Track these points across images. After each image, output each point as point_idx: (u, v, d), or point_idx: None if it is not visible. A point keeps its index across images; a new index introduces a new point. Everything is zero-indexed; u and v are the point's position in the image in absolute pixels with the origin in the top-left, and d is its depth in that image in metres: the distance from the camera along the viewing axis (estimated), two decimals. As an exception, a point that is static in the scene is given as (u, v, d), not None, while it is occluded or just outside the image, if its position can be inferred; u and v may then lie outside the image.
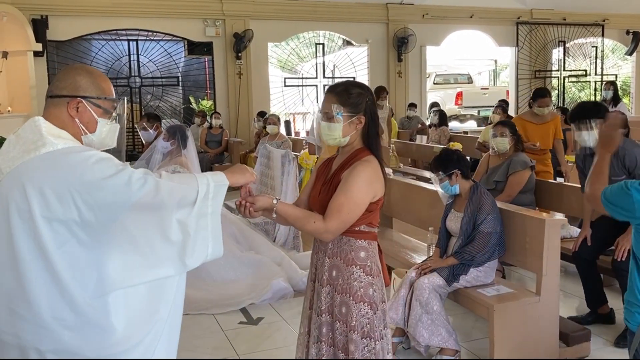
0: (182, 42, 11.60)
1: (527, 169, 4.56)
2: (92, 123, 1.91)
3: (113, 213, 1.72)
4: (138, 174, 1.75)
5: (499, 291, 3.46)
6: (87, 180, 1.70)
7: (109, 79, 2.02)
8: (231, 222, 5.36)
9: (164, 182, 1.78)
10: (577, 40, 14.07)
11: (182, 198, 1.80)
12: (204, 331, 4.06)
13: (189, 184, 1.83)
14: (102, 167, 1.73)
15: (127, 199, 1.72)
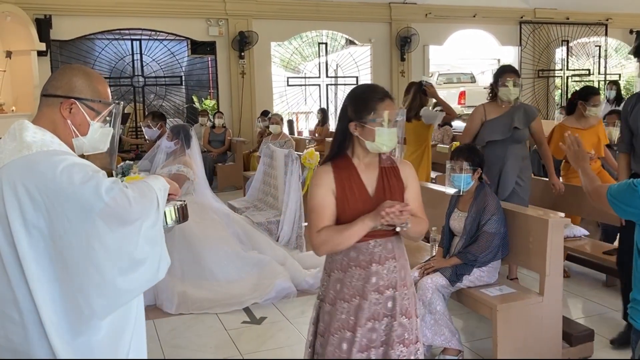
0: (185, 41, 11.61)
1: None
2: (84, 125, 1.87)
3: (80, 221, 1.66)
4: (107, 183, 1.68)
5: (502, 291, 3.45)
6: (55, 187, 1.66)
7: (106, 82, 1.98)
8: (235, 221, 5.37)
9: (132, 193, 1.71)
10: (580, 39, 14.05)
11: (147, 208, 1.75)
12: (207, 330, 4.07)
13: (149, 192, 1.78)
14: (70, 173, 1.67)
15: (93, 206, 1.65)
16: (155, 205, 1.77)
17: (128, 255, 1.71)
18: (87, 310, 1.70)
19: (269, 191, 6.75)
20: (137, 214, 1.71)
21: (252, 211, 6.49)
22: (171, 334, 4.03)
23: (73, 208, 1.66)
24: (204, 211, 5.04)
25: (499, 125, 4.34)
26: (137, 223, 1.71)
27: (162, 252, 1.80)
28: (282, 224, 5.98)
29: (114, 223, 1.68)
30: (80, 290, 1.69)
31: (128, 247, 1.70)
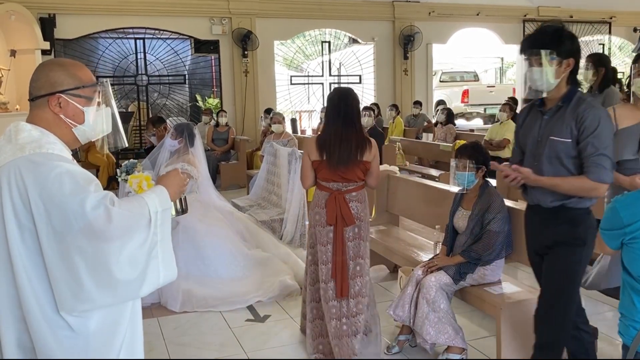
0: (188, 40, 11.63)
1: None
2: (78, 115, 1.86)
3: (62, 233, 1.67)
4: (94, 198, 1.68)
5: (505, 289, 3.46)
6: (45, 193, 1.67)
7: (83, 65, 1.95)
8: (238, 219, 5.39)
9: (117, 211, 1.70)
10: (584, 37, 14.01)
11: (134, 229, 1.74)
12: (211, 328, 4.08)
13: (140, 210, 1.77)
14: (61, 182, 1.68)
15: (77, 220, 1.66)
16: (143, 225, 1.76)
17: (107, 272, 1.70)
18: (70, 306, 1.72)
19: (272, 189, 6.77)
20: (120, 234, 1.70)
21: (256, 209, 6.50)
22: (175, 331, 4.05)
23: (58, 217, 1.67)
24: (208, 209, 5.06)
25: (630, 137, 2.94)
26: (117, 242, 1.70)
27: (147, 275, 1.77)
28: (285, 222, 6.00)
29: (94, 240, 1.68)
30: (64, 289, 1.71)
31: (107, 264, 1.69)
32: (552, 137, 2.61)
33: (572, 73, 2.63)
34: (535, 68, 2.59)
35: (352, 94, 3.55)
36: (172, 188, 1.91)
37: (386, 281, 4.91)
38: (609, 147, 2.54)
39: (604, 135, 2.54)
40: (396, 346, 3.63)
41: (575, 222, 2.65)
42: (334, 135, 3.40)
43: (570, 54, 2.59)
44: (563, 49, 2.57)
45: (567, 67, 2.59)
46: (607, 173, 2.56)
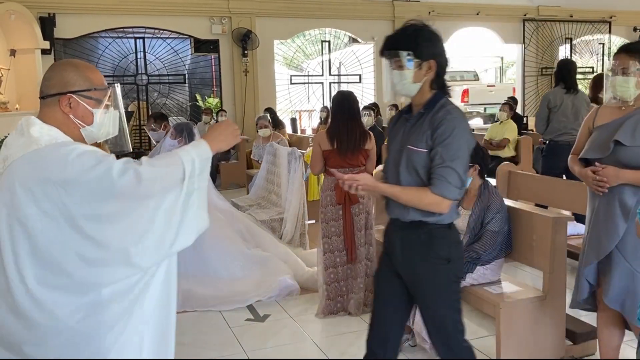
0: (188, 39, 11.63)
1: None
2: (87, 116, 1.90)
3: (97, 206, 1.70)
4: (119, 164, 1.72)
5: (505, 289, 3.46)
6: (68, 176, 1.69)
7: (96, 68, 2.00)
8: (238, 219, 5.39)
9: (146, 169, 1.73)
10: (584, 37, 14.02)
11: (167, 182, 1.77)
12: (210, 328, 4.08)
13: (174, 164, 1.79)
14: (82, 160, 1.71)
15: (108, 189, 1.69)
16: (177, 179, 1.78)
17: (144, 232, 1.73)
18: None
19: (272, 189, 6.77)
20: (153, 191, 1.73)
21: (256, 209, 6.50)
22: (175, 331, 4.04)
23: (88, 193, 1.69)
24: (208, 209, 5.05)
25: (599, 136, 2.87)
26: (152, 200, 1.73)
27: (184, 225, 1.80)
28: (285, 222, 6.00)
29: (129, 202, 1.71)
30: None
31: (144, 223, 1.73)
32: (409, 146, 2.38)
33: (438, 77, 2.41)
34: (394, 71, 2.42)
35: (353, 95, 4.38)
36: (215, 140, 1.92)
37: (386, 281, 4.90)
38: (458, 160, 2.30)
39: (455, 147, 2.30)
40: (396, 346, 3.62)
41: (435, 239, 2.40)
42: (342, 127, 4.15)
43: (432, 55, 2.37)
44: (423, 50, 2.36)
45: (428, 70, 2.37)
46: (450, 188, 2.29)
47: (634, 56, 2.75)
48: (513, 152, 8.14)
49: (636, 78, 2.74)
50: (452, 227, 2.46)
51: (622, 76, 2.75)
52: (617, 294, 2.77)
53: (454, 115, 2.33)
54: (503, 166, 5.63)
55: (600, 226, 2.82)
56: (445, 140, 2.30)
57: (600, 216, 2.83)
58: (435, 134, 2.31)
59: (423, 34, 2.40)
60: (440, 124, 2.31)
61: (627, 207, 2.72)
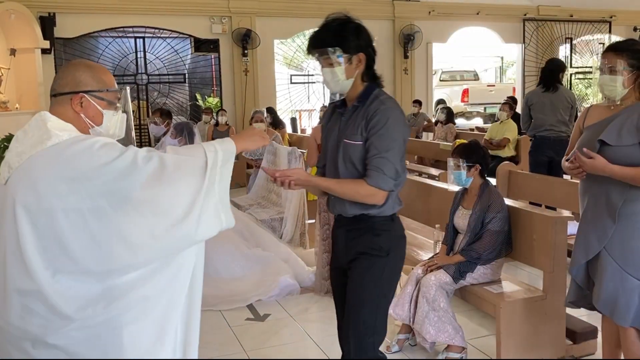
0: (188, 39, 11.63)
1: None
2: (97, 116, 1.93)
3: (124, 195, 1.72)
4: (143, 152, 1.76)
5: (505, 288, 3.46)
6: (94, 167, 1.72)
7: (108, 70, 2.04)
8: (238, 219, 5.35)
9: (170, 156, 1.77)
10: (584, 37, 14.02)
11: (191, 170, 1.79)
12: (211, 327, 4.08)
13: (196, 154, 1.82)
14: (106, 151, 1.74)
15: (135, 177, 1.72)
16: (199, 167, 1.80)
17: (173, 212, 1.75)
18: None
19: (272, 188, 6.77)
20: (176, 177, 1.76)
21: (256, 208, 6.50)
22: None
23: (115, 181, 1.71)
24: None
25: (587, 137, 2.82)
26: (176, 185, 1.75)
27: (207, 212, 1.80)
28: (285, 221, 6.00)
29: (154, 187, 1.73)
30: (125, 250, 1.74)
31: (171, 205, 1.75)
32: (345, 140, 2.35)
33: (368, 68, 2.40)
34: (325, 69, 2.36)
35: None
36: (242, 140, 1.95)
37: (386, 280, 4.90)
38: (392, 150, 2.26)
39: (389, 137, 2.26)
40: (396, 345, 3.63)
41: (377, 231, 2.37)
42: None
43: (360, 48, 2.34)
44: (350, 45, 2.32)
45: (358, 63, 2.35)
46: (385, 179, 2.26)
47: (621, 55, 2.71)
48: (513, 151, 8.15)
49: (623, 77, 2.70)
50: (396, 220, 2.42)
51: (609, 75, 2.72)
52: (606, 297, 2.73)
53: (387, 106, 2.31)
54: (503, 166, 5.64)
55: (588, 226, 2.79)
56: (379, 130, 2.27)
57: (589, 216, 2.80)
58: (369, 125, 2.29)
59: (348, 28, 2.37)
60: (374, 114, 2.29)
61: (615, 206, 2.68)
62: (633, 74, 2.70)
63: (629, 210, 2.66)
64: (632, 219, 2.66)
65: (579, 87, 15.32)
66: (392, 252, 2.38)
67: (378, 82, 2.44)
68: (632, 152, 2.64)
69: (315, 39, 2.39)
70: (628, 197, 2.66)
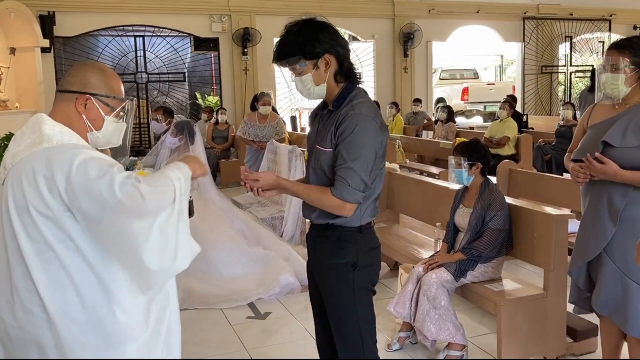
0: (188, 37, 11.63)
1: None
2: (98, 120, 1.92)
3: (96, 216, 1.70)
4: (121, 178, 1.70)
5: (506, 287, 3.46)
6: (72, 182, 1.69)
7: (120, 78, 2.03)
8: (239, 217, 5.39)
9: (145, 187, 1.72)
10: (583, 35, 14.02)
11: (163, 202, 1.76)
12: (211, 326, 4.08)
13: (165, 184, 1.78)
14: (86, 168, 1.71)
15: (108, 201, 1.68)
16: (170, 198, 1.78)
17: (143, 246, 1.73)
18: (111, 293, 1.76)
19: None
20: (150, 209, 1.73)
21: (256, 207, 6.50)
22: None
23: (89, 202, 1.70)
24: (209, 207, 5.06)
25: (591, 137, 2.76)
26: (150, 218, 1.73)
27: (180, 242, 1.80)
28: (286, 220, 6.00)
29: (127, 218, 1.70)
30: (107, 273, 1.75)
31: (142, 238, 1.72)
32: (317, 145, 2.23)
33: (341, 67, 2.23)
34: (295, 78, 2.24)
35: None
36: (192, 164, 1.93)
37: (387, 278, 4.91)
38: (358, 159, 2.11)
39: (356, 145, 2.11)
40: (397, 343, 3.63)
41: (342, 242, 2.25)
42: None
43: (324, 50, 2.17)
44: (312, 50, 2.16)
45: (326, 66, 2.20)
46: (350, 191, 2.12)
47: (623, 52, 2.65)
48: (513, 150, 8.15)
49: (625, 75, 2.64)
50: (365, 232, 2.28)
51: (611, 73, 2.66)
52: (606, 300, 2.70)
53: (357, 112, 2.14)
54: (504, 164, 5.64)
55: (588, 228, 2.75)
56: (347, 138, 2.12)
57: (589, 218, 2.75)
58: (337, 131, 2.15)
59: (307, 32, 2.20)
60: (342, 121, 2.14)
61: (616, 209, 2.63)
62: (636, 72, 2.64)
63: (633, 214, 2.62)
64: (635, 223, 2.61)
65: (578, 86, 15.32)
66: (359, 265, 2.26)
67: (355, 80, 2.27)
68: (636, 153, 2.58)
69: (277, 49, 2.23)
70: (631, 199, 2.62)
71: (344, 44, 2.25)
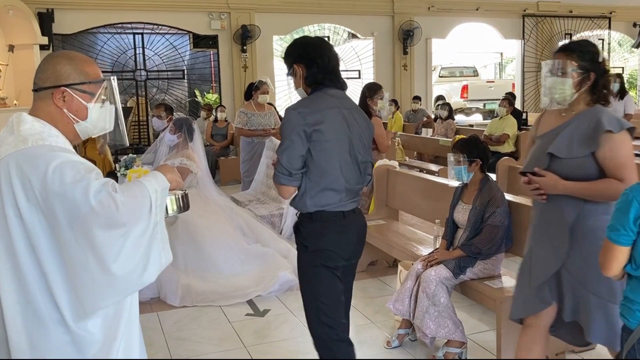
0: (187, 35, 11.62)
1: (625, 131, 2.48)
2: (81, 110, 1.83)
3: (69, 222, 1.65)
4: (96, 185, 1.65)
5: (505, 283, 3.45)
6: (47, 186, 1.64)
7: (92, 60, 1.93)
8: (238, 215, 5.38)
9: (120, 197, 1.68)
10: (583, 32, 14.00)
11: (139, 213, 1.71)
12: (211, 323, 4.08)
13: (142, 195, 1.74)
14: (62, 172, 1.65)
15: (82, 208, 1.63)
16: (146, 209, 1.73)
17: (112, 257, 1.67)
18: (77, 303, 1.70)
19: (272, 184, 6.76)
20: (124, 220, 1.67)
21: (255, 204, 6.49)
22: (175, 326, 4.05)
23: (62, 207, 1.64)
24: (208, 204, 5.05)
25: (538, 148, 2.65)
26: (123, 229, 1.67)
27: (151, 257, 1.75)
28: (285, 217, 6.00)
29: (98, 226, 1.65)
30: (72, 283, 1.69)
31: (112, 249, 1.67)
32: None
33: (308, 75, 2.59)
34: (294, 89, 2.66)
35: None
36: (169, 174, 1.88)
37: (386, 275, 4.90)
38: (281, 146, 2.48)
39: (282, 135, 2.49)
40: (396, 340, 3.63)
41: (299, 225, 2.60)
42: None
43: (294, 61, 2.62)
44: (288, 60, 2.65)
45: (299, 74, 2.61)
46: (277, 175, 2.49)
47: (571, 55, 2.51)
48: (513, 147, 8.15)
49: (572, 79, 2.49)
50: (316, 219, 2.52)
51: (558, 77, 2.51)
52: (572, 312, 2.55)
53: (289, 107, 2.53)
54: (503, 161, 5.64)
55: (544, 243, 2.60)
56: (280, 129, 2.54)
57: (541, 232, 2.61)
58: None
59: (288, 47, 2.68)
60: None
61: (568, 223, 2.49)
62: (584, 77, 2.49)
63: (586, 227, 2.48)
64: (590, 236, 2.46)
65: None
66: (309, 247, 2.55)
67: (332, 84, 2.60)
68: (583, 163, 2.45)
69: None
70: (582, 212, 2.48)
71: (315, 56, 2.55)
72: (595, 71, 2.50)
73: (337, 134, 2.50)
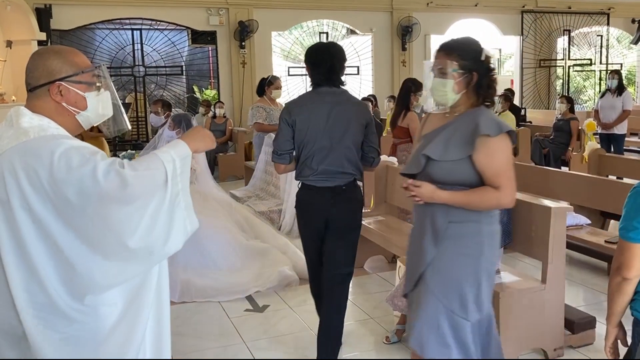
0: (185, 31, 11.58)
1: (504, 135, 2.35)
2: (80, 101, 1.86)
3: (81, 206, 1.67)
4: (104, 165, 1.68)
5: (504, 279, 3.46)
6: (54, 174, 1.66)
7: (78, 50, 1.95)
8: (237, 211, 5.39)
9: (129, 172, 1.70)
10: (582, 29, 14.00)
11: (151, 186, 1.74)
12: (210, 318, 4.09)
13: (155, 167, 1.76)
14: (68, 158, 1.67)
15: (92, 190, 1.66)
16: (160, 181, 1.75)
17: (130, 232, 1.71)
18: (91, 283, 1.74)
19: (270, 180, 6.76)
20: (137, 194, 1.70)
21: (254, 200, 6.50)
22: (174, 322, 4.02)
23: (73, 192, 1.66)
24: (207, 200, 5.05)
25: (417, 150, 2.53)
26: (137, 202, 1.71)
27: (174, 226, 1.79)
28: (284, 213, 6.01)
29: (112, 204, 1.68)
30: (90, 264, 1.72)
31: (130, 224, 1.70)
32: None
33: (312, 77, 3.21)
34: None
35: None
36: (194, 141, 1.90)
37: (384, 271, 4.91)
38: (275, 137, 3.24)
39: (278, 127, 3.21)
40: (395, 336, 3.64)
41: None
42: None
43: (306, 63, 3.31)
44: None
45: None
46: (272, 155, 3.27)
47: (451, 55, 2.35)
48: (511, 143, 8.13)
49: (454, 80, 2.33)
50: (299, 187, 3.22)
51: (439, 78, 2.36)
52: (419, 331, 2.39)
53: (286, 102, 3.27)
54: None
55: (413, 249, 2.51)
56: None
57: (415, 237, 2.51)
58: None
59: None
60: None
61: (438, 229, 2.38)
62: (465, 77, 2.34)
63: (454, 233, 2.37)
64: (457, 243, 2.37)
65: (577, 80, 15.32)
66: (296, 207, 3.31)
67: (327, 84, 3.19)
68: (458, 167, 2.33)
69: None
70: (452, 219, 2.37)
71: (314, 62, 3.19)
72: (477, 70, 2.34)
73: (314, 125, 3.06)
